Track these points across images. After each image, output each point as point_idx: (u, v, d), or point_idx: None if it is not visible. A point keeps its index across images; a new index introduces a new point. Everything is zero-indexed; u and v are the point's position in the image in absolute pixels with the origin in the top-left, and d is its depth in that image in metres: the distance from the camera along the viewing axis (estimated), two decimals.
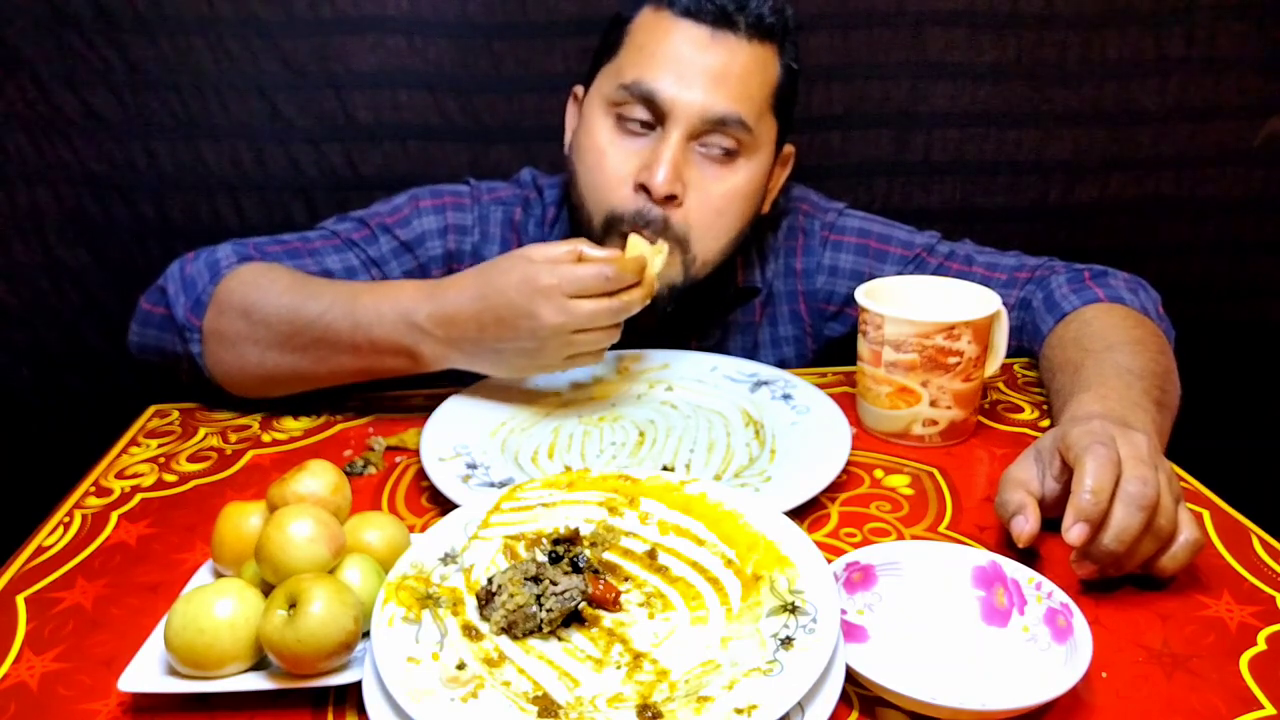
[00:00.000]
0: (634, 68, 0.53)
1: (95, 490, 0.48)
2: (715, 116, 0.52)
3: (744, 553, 0.36)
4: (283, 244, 0.59)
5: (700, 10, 0.52)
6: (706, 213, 0.54)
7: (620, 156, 0.54)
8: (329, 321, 0.50)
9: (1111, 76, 0.77)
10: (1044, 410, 0.55)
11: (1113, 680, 0.33)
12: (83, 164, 0.73)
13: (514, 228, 0.63)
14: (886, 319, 0.48)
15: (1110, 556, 0.36)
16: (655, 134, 0.54)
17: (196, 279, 0.54)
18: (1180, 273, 0.84)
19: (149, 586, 0.39)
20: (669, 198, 0.53)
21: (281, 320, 0.51)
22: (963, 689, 0.32)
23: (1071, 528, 0.35)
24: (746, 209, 0.57)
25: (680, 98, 0.52)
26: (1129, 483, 0.36)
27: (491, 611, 0.33)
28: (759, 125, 0.54)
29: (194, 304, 0.53)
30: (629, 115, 0.54)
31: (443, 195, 0.63)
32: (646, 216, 0.53)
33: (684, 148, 0.53)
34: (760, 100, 0.54)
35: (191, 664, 0.31)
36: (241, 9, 0.71)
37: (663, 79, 0.52)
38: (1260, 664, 0.34)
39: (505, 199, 0.64)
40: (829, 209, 0.65)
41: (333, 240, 0.60)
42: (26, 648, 0.36)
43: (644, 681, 0.30)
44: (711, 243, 0.56)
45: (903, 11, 0.75)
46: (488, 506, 0.38)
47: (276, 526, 0.33)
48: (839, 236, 0.64)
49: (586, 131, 0.56)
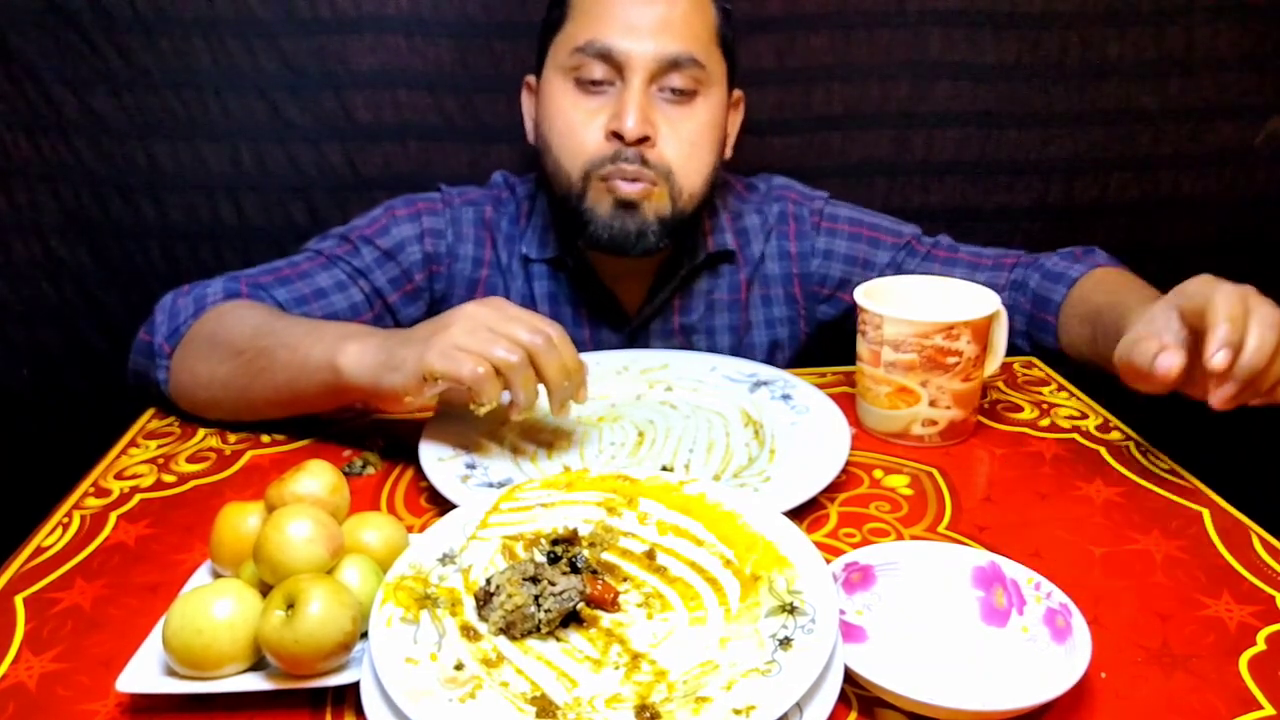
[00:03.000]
0: (586, 30, 0.55)
1: (94, 491, 0.48)
2: (669, 58, 0.55)
3: (743, 553, 0.36)
4: (274, 272, 0.60)
5: None
6: (682, 146, 0.57)
7: (586, 114, 0.56)
8: (279, 334, 0.50)
9: (1111, 76, 0.77)
10: (1043, 410, 0.55)
11: (1112, 680, 0.33)
12: (82, 164, 0.73)
13: (486, 225, 0.65)
14: (885, 319, 0.48)
15: (1252, 374, 0.39)
16: (616, 87, 0.56)
17: (181, 310, 0.55)
18: (1179, 273, 0.83)
19: (148, 587, 0.39)
20: (642, 139, 0.55)
21: (241, 337, 0.51)
22: (962, 689, 0.32)
23: (1215, 354, 0.39)
24: (714, 142, 0.59)
25: (635, 48, 0.54)
26: (1257, 308, 0.40)
27: (490, 612, 0.33)
28: (710, 61, 0.57)
29: (171, 332, 0.54)
30: (587, 76, 0.56)
31: (415, 203, 0.65)
32: (624, 157, 0.56)
33: (646, 93, 0.55)
34: (706, 38, 0.57)
35: (190, 664, 0.31)
36: (241, 9, 0.71)
37: (614, 33, 0.55)
38: (1260, 664, 0.34)
39: (475, 200, 0.66)
40: (815, 197, 0.68)
41: (319, 260, 0.61)
42: (25, 648, 0.36)
43: (642, 682, 0.30)
44: (693, 175, 0.58)
45: (902, 12, 0.75)
46: (486, 507, 0.38)
47: (275, 527, 0.33)
48: (831, 224, 0.66)
49: (549, 102, 0.58)
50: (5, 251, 0.75)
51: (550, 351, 0.43)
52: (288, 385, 0.49)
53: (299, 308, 0.58)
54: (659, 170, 0.56)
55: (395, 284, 0.62)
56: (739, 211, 0.67)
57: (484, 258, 0.64)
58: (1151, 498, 0.45)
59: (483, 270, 0.65)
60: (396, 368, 0.44)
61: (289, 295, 0.58)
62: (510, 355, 0.42)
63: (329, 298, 0.60)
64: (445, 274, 0.64)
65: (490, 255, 0.65)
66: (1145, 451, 0.50)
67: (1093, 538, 0.42)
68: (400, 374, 0.44)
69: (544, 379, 0.44)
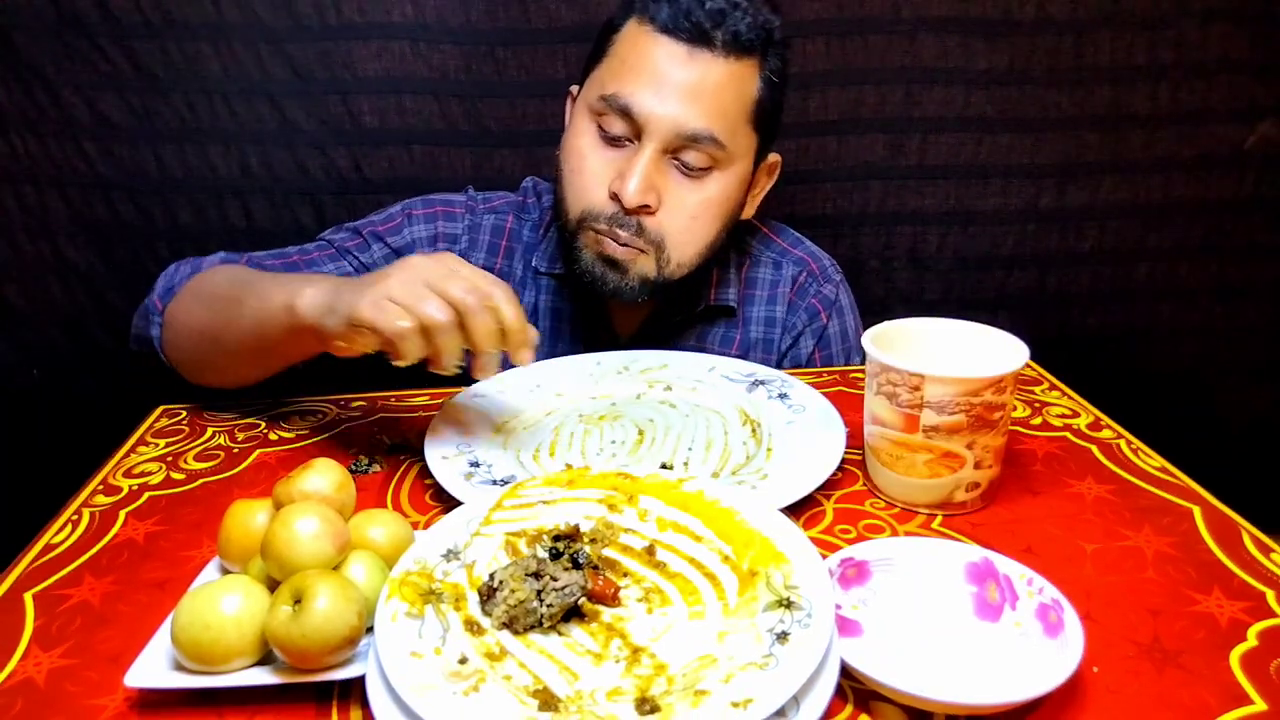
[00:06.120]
0: (614, 80, 0.55)
1: (103, 488, 0.48)
2: (688, 133, 0.54)
3: (740, 549, 0.36)
4: (282, 257, 0.61)
5: (678, 27, 0.53)
6: (681, 219, 0.56)
7: (598, 164, 0.56)
8: (253, 285, 0.49)
9: (1103, 81, 0.78)
10: (1036, 408, 0.56)
11: (1104, 675, 0.33)
12: (91, 167, 0.74)
13: (505, 234, 0.65)
14: (927, 379, 0.41)
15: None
16: (631, 147, 0.55)
17: (177, 272, 0.57)
18: (1170, 276, 0.85)
19: (156, 583, 0.40)
20: (642, 207, 0.55)
21: (219, 287, 0.52)
22: (956, 683, 0.33)
23: None
24: (721, 215, 0.58)
25: (655, 112, 0.53)
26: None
27: (493, 607, 0.33)
28: (734, 140, 0.55)
29: (166, 291, 0.56)
30: (607, 127, 0.55)
31: (434, 205, 0.65)
32: (620, 221, 0.55)
33: (657, 160, 0.55)
34: (735, 115, 0.55)
35: (197, 659, 0.32)
36: (248, 15, 0.72)
37: (639, 94, 0.53)
38: (1251, 660, 0.34)
39: (499, 207, 0.66)
40: (827, 281, 0.66)
41: (328, 250, 0.62)
42: (34, 644, 0.36)
43: (642, 675, 0.31)
44: (687, 248, 0.57)
45: (897, 18, 0.76)
46: (490, 504, 0.39)
47: (282, 524, 0.34)
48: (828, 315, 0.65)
49: (572, 135, 0.58)
50: (15, 253, 0.76)
51: (481, 314, 0.40)
52: (254, 330, 0.48)
53: None
54: (651, 238, 0.56)
55: None
56: (756, 258, 0.66)
57: (494, 266, 0.64)
58: (1143, 495, 0.46)
59: None
60: (334, 310, 0.42)
61: None
62: (439, 314, 0.40)
63: None
64: None
65: (502, 264, 0.65)
66: (1136, 450, 0.50)
67: (1085, 534, 0.42)
68: (335, 318, 0.42)
69: (470, 341, 0.41)
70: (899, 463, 0.44)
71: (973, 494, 0.44)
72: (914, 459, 0.43)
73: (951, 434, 0.42)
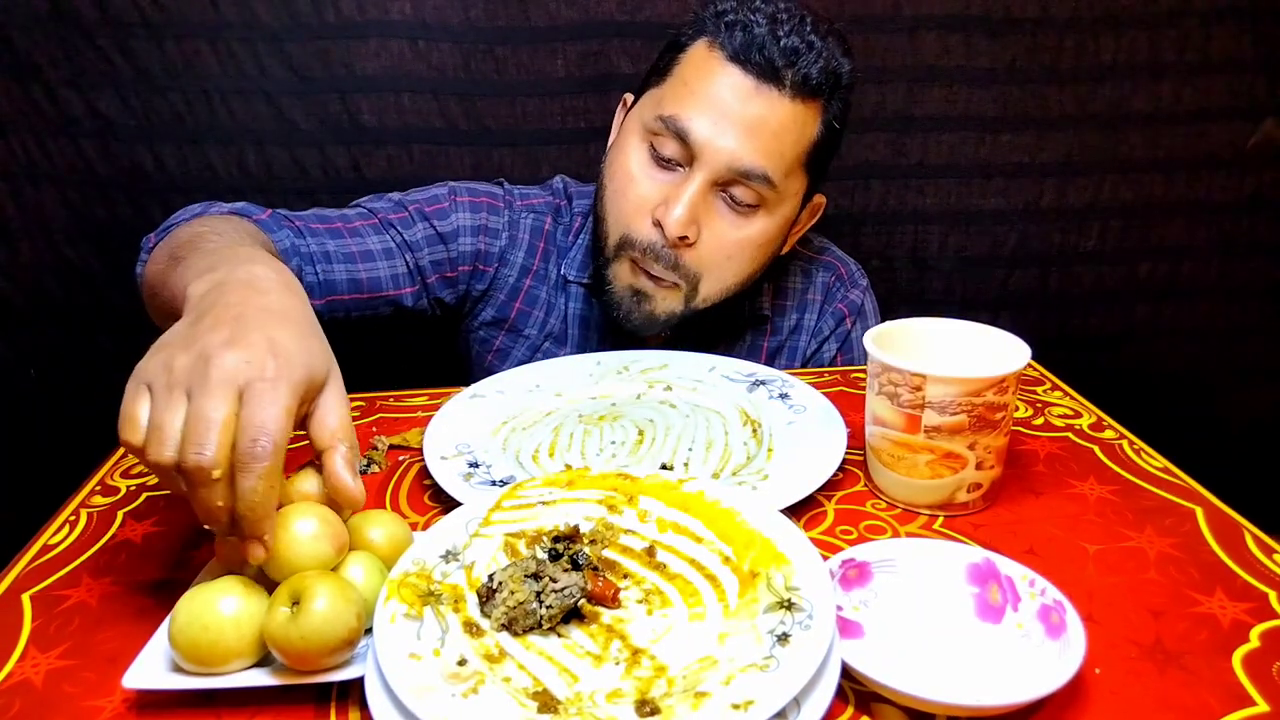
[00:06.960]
0: (675, 101, 0.54)
1: (101, 489, 0.48)
2: (742, 168, 0.53)
3: (741, 550, 0.36)
4: (325, 222, 0.59)
5: (749, 60, 0.52)
6: (718, 257, 0.55)
7: (645, 187, 0.55)
8: (199, 251, 0.42)
9: (1105, 80, 0.78)
10: (1038, 409, 0.56)
11: (1106, 676, 0.33)
12: (90, 166, 0.74)
13: (544, 236, 0.64)
14: (928, 379, 0.41)
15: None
16: (682, 173, 0.54)
17: (187, 211, 0.54)
18: (1172, 275, 0.85)
19: (154, 584, 0.40)
20: (681, 238, 0.54)
21: (184, 238, 0.46)
22: (957, 685, 0.33)
23: None
24: (759, 257, 0.58)
25: (712, 143, 0.52)
26: None
27: (492, 608, 0.33)
28: (785, 181, 0.55)
29: (163, 229, 0.53)
30: (660, 148, 0.54)
31: (479, 194, 0.63)
32: (657, 251, 0.55)
33: (706, 192, 0.54)
34: (791, 158, 0.54)
35: (196, 661, 0.32)
36: (246, 13, 0.72)
37: (698, 120, 0.52)
38: (1253, 661, 0.34)
39: (537, 207, 0.65)
40: (855, 286, 0.66)
41: (371, 220, 0.60)
42: (31, 645, 0.36)
43: (642, 677, 0.31)
44: (717, 284, 0.57)
45: (898, 16, 0.76)
46: (489, 505, 0.39)
47: (281, 524, 0.34)
48: (853, 319, 0.65)
49: (620, 151, 0.57)
50: (13, 253, 0.76)
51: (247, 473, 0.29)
52: (170, 302, 0.41)
53: (344, 264, 0.57)
54: (685, 272, 0.55)
55: (438, 267, 0.62)
56: (786, 267, 0.65)
57: (532, 267, 0.64)
58: (1145, 496, 0.45)
59: (527, 280, 0.64)
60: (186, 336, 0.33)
61: (338, 248, 0.57)
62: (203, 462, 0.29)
63: (375, 262, 0.59)
64: (490, 275, 0.64)
65: (539, 266, 0.64)
66: (1139, 450, 0.50)
67: (1087, 535, 0.42)
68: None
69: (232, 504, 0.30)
70: (900, 463, 0.44)
71: (974, 495, 0.44)
72: (915, 459, 0.43)
73: (953, 434, 0.42)
